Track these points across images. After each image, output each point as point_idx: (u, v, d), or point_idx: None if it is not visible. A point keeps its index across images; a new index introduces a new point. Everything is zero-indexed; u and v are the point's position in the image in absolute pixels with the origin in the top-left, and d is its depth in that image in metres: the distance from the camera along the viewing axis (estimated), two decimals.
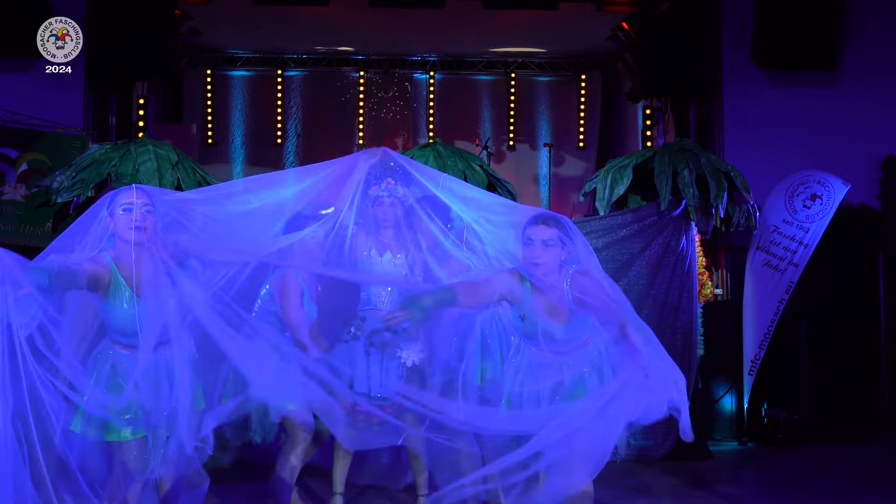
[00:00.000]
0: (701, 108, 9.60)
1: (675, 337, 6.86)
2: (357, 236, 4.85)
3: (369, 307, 4.83)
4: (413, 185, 4.81)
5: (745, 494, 5.98)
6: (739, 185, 6.93)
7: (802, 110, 9.22)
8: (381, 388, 4.67)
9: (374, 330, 4.55)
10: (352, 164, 4.73)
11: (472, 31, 11.28)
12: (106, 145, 6.79)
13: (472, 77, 12.93)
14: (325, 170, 4.61)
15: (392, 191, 4.89)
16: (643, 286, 6.89)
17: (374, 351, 4.66)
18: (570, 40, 11.77)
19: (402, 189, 4.88)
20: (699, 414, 7.00)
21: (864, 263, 8.65)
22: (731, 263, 8.81)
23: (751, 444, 7.68)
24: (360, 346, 4.67)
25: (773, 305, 7.71)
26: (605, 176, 6.98)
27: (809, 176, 7.92)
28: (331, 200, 4.73)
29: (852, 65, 9.23)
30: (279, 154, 12.69)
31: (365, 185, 4.74)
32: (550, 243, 3.91)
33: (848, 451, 7.39)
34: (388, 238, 4.91)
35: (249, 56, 12.53)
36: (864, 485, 6.21)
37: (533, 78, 12.97)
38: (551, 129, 12.94)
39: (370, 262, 4.86)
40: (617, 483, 6.03)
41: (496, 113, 12.95)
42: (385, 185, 4.88)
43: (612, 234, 6.90)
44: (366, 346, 4.65)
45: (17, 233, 8.04)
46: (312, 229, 4.65)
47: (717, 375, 7.79)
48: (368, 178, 4.77)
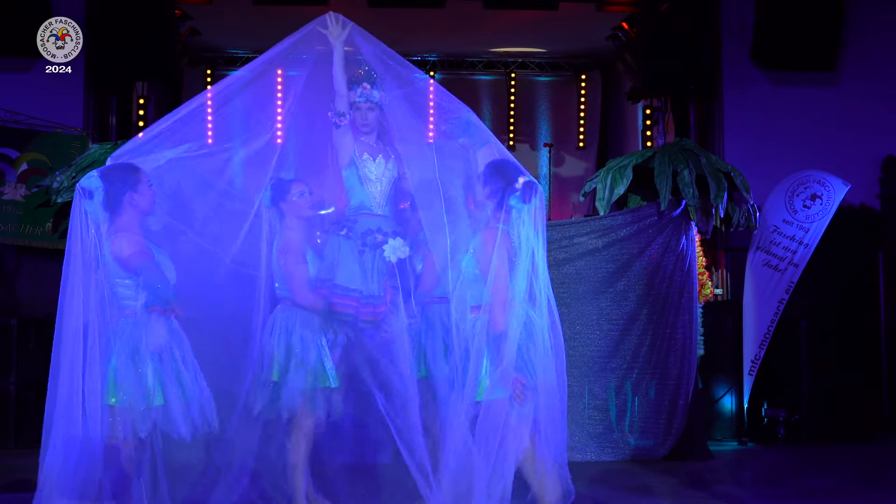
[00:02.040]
0: (701, 108, 9.60)
1: (675, 337, 6.87)
2: (345, 134, 4.87)
3: (363, 210, 4.84)
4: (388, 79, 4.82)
5: (745, 494, 5.97)
6: (739, 185, 6.93)
7: (802, 110, 9.23)
8: (368, 283, 4.70)
9: (367, 231, 4.66)
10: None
11: (472, 31, 11.27)
12: (106, 145, 6.79)
13: (472, 77, 12.92)
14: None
15: (368, 95, 4.92)
16: (643, 286, 6.89)
17: (369, 251, 4.71)
18: (570, 40, 11.76)
19: (378, 93, 4.90)
20: (699, 414, 7.02)
21: (864, 263, 8.66)
22: (731, 263, 8.82)
23: (751, 444, 7.68)
24: (350, 243, 4.73)
25: (773, 305, 7.71)
26: (605, 176, 6.98)
27: (809, 176, 7.92)
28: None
29: (852, 65, 9.23)
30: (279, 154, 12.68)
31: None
32: None
33: (848, 451, 7.39)
34: (372, 142, 4.92)
35: (249, 56, 12.50)
36: (864, 485, 6.20)
37: (533, 78, 12.96)
38: (551, 129, 12.93)
39: (364, 165, 4.86)
40: (617, 483, 6.03)
41: (496, 113, 12.93)
42: (361, 91, 4.91)
43: (612, 234, 6.91)
44: (361, 247, 4.71)
45: (17, 233, 8.06)
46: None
47: (717, 375, 7.80)
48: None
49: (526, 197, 4.35)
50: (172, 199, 4.58)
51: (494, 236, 4.29)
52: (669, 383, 6.83)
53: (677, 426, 6.80)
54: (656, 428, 6.84)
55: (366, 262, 4.70)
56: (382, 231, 4.77)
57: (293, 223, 4.79)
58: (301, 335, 4.63)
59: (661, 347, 6.87)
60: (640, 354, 6.87)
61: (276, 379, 4.60)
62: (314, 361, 4.61)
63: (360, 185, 4.83)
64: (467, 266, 4.38)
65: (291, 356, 4.60)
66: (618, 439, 6.82)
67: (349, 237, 4.76)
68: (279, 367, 4.61)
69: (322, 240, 4.84)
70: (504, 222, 4.33)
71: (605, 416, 6.83)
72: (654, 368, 6.86)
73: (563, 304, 6.83)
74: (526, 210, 4.34)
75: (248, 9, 9.88)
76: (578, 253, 6.89)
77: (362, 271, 4.68)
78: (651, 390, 6.85)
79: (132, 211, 4.38)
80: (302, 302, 4.68)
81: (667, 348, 6.88)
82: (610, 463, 6.72)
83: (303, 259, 4.71)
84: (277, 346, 4.63)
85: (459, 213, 4.50)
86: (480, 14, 10.02)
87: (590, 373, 6.84)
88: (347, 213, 4.84)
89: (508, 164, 4.48)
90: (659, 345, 6.87)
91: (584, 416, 6.81)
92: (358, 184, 4.83)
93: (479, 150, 4.61)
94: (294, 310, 4.69)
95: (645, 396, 6.85)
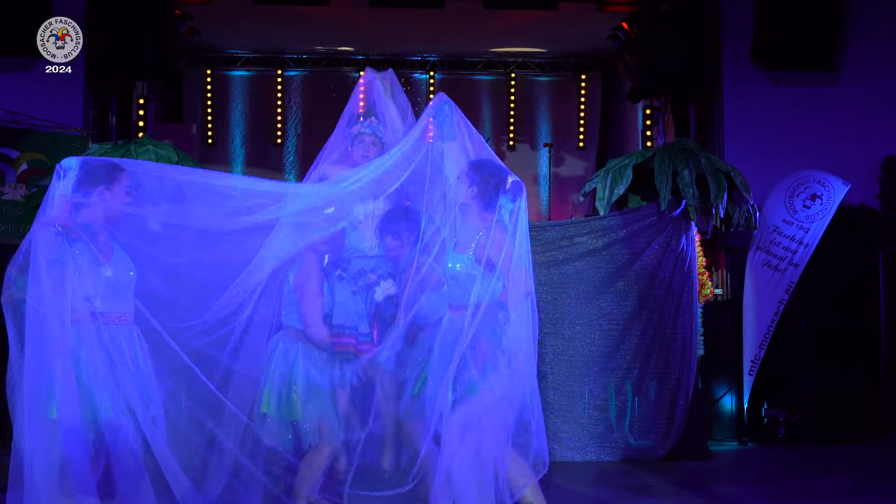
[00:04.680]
0: (701, 108, 9.61)
1: (675, 337, 6.87)
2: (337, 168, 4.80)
3: (357, 253, 4.83)
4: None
5: (745, 494, 5.97)
6: (739, 185, 6.93)
7: (802, 110, 9.23)
8: (362, 322, 4.70)
9: (360, 272, 4.67)
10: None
11: (472, 31, 11.27)
12: (106, 145, 6.80)
13: (472, 77, 12.93)
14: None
15: (374, 129, 4.89)
16: (643, 286, 6.89)
17: (361, 292, 4.71)
18: (570, 40, 11.76)
19: (383, 128, 4.88)
20: (699, 414, 7.02)
21: (864, 263, 8.65)
22: (731, 263, 8.82)
23: (751, 444, 7.68)
24: (344, 283, 4.74)
25: (773, 305, 7.71)
26: (605, 176, 6.98)
27: (809, 176, 7.92)
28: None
29: (852, 65, 9.23)
30: (279, 154, 12.69)
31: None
32: None
33: (848, 451, 7.39)
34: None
35: (249, 56, 12.53)
36: (864, 485, 6.20)
37: (533, 78, 12.96)
38: (551, 129, 12.94)
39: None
40: (617, 483, 6.03)
41: (496, 113, 12.94)
42: (368, 122, 4.89)
43: (612, 234, 6.90)
44: (354, 288, 4.72)
45: (17, 233, 8.06)
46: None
47: (717, 375, 7.79)
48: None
49: (515, 196, 4.34)
50: (173, 201, 4.48)
51: (505, 236, 4.27)
52: (669, 383, 6.83)
53: (677, 426, 6.80)
54: (656, 428, 6.83)
55: (359, 301, 4.71)
56: (376, 272, 4.75)
57: (312, 254, 4.63)
58: (306, 373, 4.51)
59: (661, 347, 6.87)
60: (641, 354, 6.87)
61: (267, 411, 4.50)
62: (324, 395, 4.52)
63: (351, 227, 4.85)
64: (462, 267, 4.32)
65: (295, 389, 4.49)
66: (618, 439, 6.82)
67: (342, 278, 4.75)
68: (280, 398, 4.50)
69: None
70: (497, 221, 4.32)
71: (605, 415, 6.83)
72: (654, 368, 6.86)
73: (564, 304, 6.86)
74: (514, 208, 4.33)
75: (248, 9, 9.88)
76: (578, 253, 6.89)
77: (356, 311, 4.69)
78: (651, 390, 6.85)
79: (98, 207, 4.19)
80: (315, 335, 4.55)
81: (667, 348, 6.88)
82: (610, 463, 6.72)
83: (321, 292, 4.60)
84: (279, 377, 4.51)
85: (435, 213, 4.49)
86: (480, 14, 10.03)
87: (590, 373, 6.84)
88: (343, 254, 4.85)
89: (493, 163, 4.44)
90: (659, 345, 6.87)
91: (584, 416, 6.81)
92: (349, 226, 4.85)
93: (446, 143, 4.48)
94: (297, 342, 4.56)
95: (645, 396, 6.85)
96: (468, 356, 4.17)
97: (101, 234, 4.21)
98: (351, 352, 4.64)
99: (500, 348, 4.20)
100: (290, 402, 4.48)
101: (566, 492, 5.70)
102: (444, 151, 4.48)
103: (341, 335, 4.63)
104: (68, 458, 3.95)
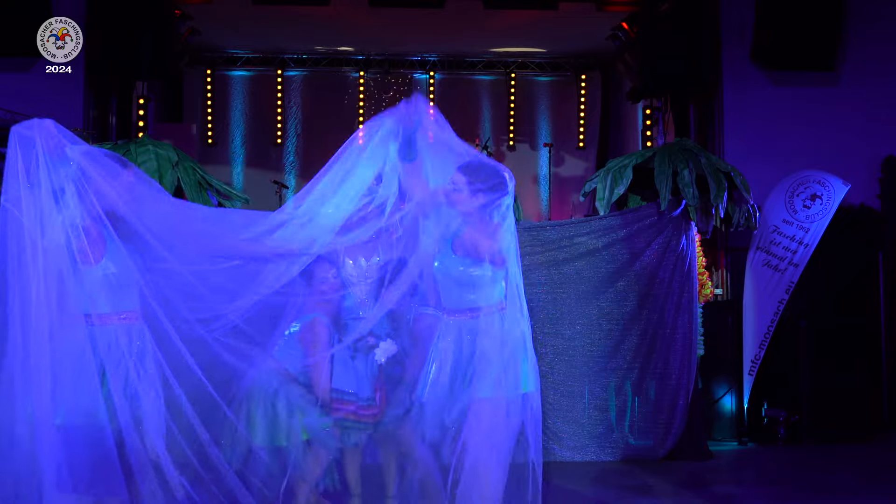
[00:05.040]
0: (701, 108, 9.60)
1: (675, 337, 6.87)
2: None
3: (352, 315, 4.80)
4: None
5: (745, 494, 5.98)
6: (739, 185, 6.94)
7: (802, 110, 9.23)
8: (363, 387, 4.65)
9: (359, 337, 4.54)
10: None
11: (472, 31, 11.28)
12: (106, 145, 6.79)
13: (472, 77, 12.93)
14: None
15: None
16: (643, 286, 6.89)
17: (360, 356, 4.66)
18: (570, 40, 11.77)
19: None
20: (699, 414, 7.02)
21: (864, 263, 8.65)
22: (731, 263, 8.82)
23: (751, 444, 7.68)
24: (344, 350, 4.63)
25: (773, 305, 7.71)
26: (605, 176, 6.98)
27: (809, 176, 7.92)
28: None
29: (852, 65, 9.23)
30: (279, 154, 12.69)
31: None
32: None
33: (848, 451, 7.39)
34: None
35: (249, 56, 12.53)
36: (864, 485, 6.21)
37: (533, 78, 12.97)
38: (551, 129, 12.94)
39: (345, 269, 4.72)
40: (617, 483, 6.03)
41: (496, 113, 12.95)
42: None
43: (612, 234, 6.91)
44: (351, 351, 4.62)
45: None
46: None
47: (717, 375, 7.79)
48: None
49: (513, 190, 4.34)
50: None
51: (506, 233, 4.23)
52: (669, 383, 6.84)
53: (677, 426, 6.80)
54: (656, 428, 6.84)
55: (358, 365, 4.64)
56: (375, 333, 4.64)
57: (321, 308, 4.54)
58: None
59: (661, 347, 6.87)
60: (641, 354, 6.87)
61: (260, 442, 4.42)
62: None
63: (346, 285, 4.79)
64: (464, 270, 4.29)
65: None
66: (618, 439, 6.82)
67: (339, 341, 4.63)
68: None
69: None
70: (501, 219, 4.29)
71: (605, 415, 6.83)
72: (654, 368, 6.87)
73: (564, 304, 6.86)
74: (510, 202, 4.31)
75: (248, 9, 9.88)
76: (578, 253, 6.89)
77: (356, 375, 4.63)
78: (651, 390, 6.86)
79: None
80: (324, 396, 4.47)
81: (667, 348, 6.88)
82: (610, 463, 6.73)
83: (329, 359, 4.53)
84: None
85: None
86: (480, 14, 10.03)
87: (590, 373, 6.84)
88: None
89: (485, 163, 4.40)
90: (659, 345, 6.88)
91: (584, 416, 6.81)
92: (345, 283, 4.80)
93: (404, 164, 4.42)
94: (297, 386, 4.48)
95: (645, 396, 6.86)
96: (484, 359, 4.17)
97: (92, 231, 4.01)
98: (350, 418, 4.56)
99: (510, 347, 4.19)
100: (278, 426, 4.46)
101: (566, 492, 5.71)
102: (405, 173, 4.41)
103: (341, 401, 4.53)
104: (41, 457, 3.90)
